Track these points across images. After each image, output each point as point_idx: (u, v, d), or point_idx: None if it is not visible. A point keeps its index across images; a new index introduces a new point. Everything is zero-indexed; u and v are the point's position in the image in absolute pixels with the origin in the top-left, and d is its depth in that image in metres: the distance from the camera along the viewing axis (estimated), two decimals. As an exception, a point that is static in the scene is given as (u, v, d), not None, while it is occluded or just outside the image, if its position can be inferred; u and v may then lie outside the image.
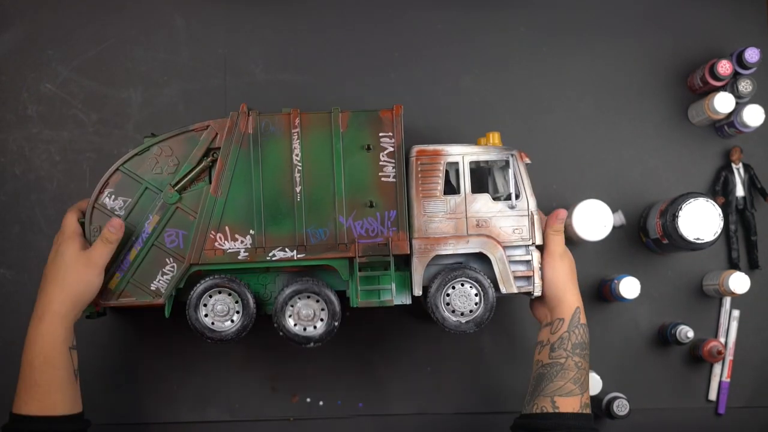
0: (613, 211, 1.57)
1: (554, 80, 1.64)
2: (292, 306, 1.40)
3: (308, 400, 1.59)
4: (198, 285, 1.39)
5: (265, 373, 1.59)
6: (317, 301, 1.40)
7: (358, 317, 1.59)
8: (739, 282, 1.54)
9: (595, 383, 1.53)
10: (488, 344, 1.60)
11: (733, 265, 1.62)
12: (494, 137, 1.44)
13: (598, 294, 1.61)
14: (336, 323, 1.39)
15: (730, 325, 1.62)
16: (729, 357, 1.61)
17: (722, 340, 1.61)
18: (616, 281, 1.55)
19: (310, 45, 1.63)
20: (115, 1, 1.63)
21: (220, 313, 1.39)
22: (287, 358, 1.59)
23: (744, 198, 1.62)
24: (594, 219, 1.53)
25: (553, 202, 1.62)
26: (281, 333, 1.39)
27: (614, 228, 1.58)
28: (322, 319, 1.40)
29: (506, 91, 1.64)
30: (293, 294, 1.39)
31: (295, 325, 1.39)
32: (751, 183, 1.62)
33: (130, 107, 1.61)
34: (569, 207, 1.56)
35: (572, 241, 1.58)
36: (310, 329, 1.40)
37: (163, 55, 1.62)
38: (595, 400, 1.57)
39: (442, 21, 1.64)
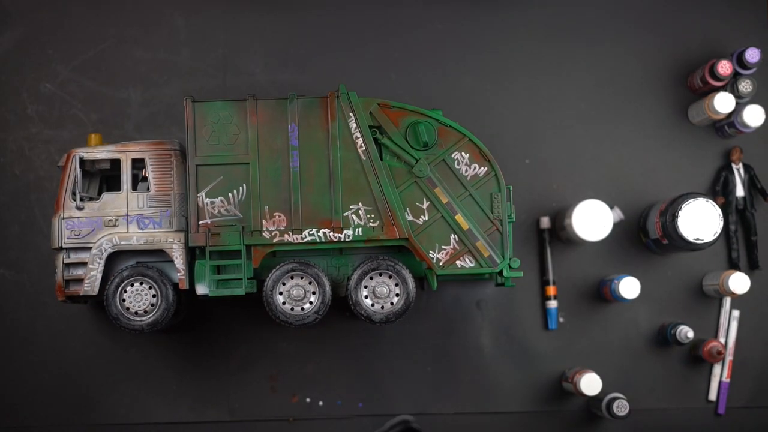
0: (610, 207, 1.56)
1: (554, 80, 1.64)
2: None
3: (308, 400, 1.59)
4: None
5: (265, 373, 1.59)
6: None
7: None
8: (739, 282, 1.54)
9: (595, 384, 1.53)
10: (488, 344, 1.60)
11: (733, 266, 1.62)
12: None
13: (598, 294, 1.61)
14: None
15: (730, 325, 1.61)
16: (729, 357, 1.61)
17: (722, 340, 1.61)
18: (616, 281, 1.55)
19: (310, 45, 1.63)
20: (115, 1, 1.63)
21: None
22: (287, 358, 1.59)
23: (744, 198, 1.62)
24: (594, 219, 1.53)
25: (553, 201, 1.62)
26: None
27: (613, 224, 1.58)
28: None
29: (506, 91, 1.63)
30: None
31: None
32: (751, 183, 1.62)
33: (130, 107, 1.61)
34: (569, 207, 1.56)
35: (572, 241, 1.58)
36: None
37: (163, 54, 1.62)
38: (596, 401, 1.57)
39: (442, 21, 1.64)
